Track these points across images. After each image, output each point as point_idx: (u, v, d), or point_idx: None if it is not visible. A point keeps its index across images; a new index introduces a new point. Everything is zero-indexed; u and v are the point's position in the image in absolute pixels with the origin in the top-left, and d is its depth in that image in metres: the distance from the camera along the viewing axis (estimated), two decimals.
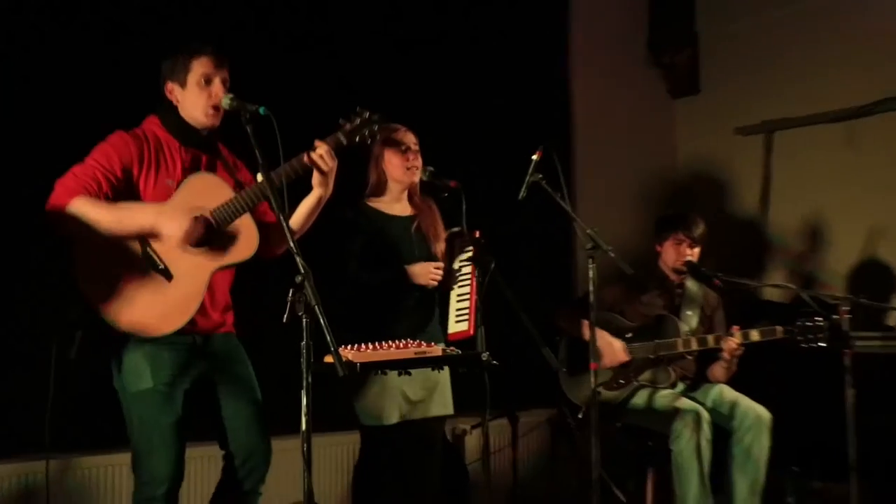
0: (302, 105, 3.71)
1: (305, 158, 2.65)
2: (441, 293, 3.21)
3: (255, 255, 2.69)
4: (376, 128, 2.71)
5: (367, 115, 2.70)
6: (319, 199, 2.79)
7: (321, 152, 2.67)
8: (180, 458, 2.64)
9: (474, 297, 3.04)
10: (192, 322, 2.61)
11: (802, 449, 4.00)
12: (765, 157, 5.00)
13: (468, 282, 3.09)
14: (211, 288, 2.67)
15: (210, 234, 2.60)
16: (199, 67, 2.68)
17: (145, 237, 2.57)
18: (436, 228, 3.27)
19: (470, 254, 3.12)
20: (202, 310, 2.65)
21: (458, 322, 3.06)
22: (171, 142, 2.70)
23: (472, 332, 2.99)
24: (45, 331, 2.58)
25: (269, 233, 2.76)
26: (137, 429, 2.61)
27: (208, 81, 2.68)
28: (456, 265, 3.16)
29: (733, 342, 3.62)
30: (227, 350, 2.77)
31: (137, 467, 2.63)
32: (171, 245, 2.57)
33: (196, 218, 2.57)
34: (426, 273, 3.10)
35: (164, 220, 2.55)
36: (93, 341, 2.55)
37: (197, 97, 2.68)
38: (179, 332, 2.60)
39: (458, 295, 3.11)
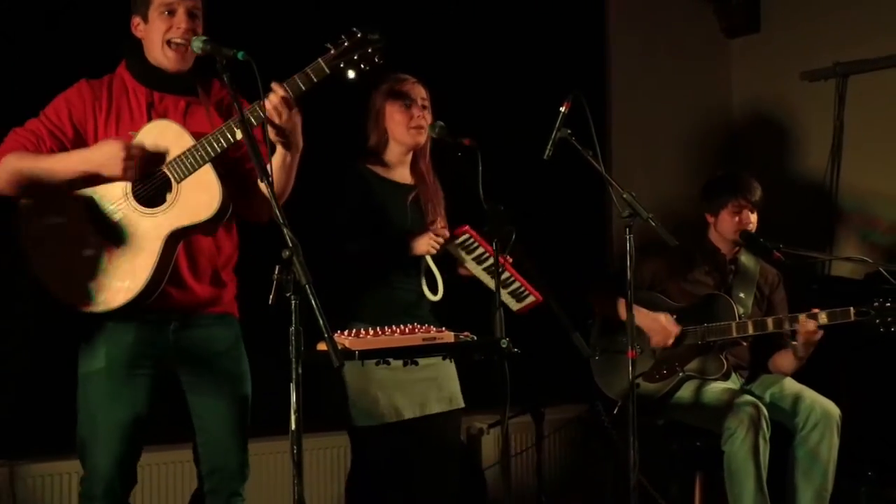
0: (289, 49, 3.69)
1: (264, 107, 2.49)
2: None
3: (219, 215, 2.61)
4: (370, 50, 2.48)
5: (359, 35, 2.49)
6: (283, 159, 2.62)
7: (274, 100, 2.48)
8: (130, 458, 2.65)
9: (516, 273, 3.09)
10: (164, 296, 2.61)
11: (878, 451, 4.01)
12: (836, 107, 4.97)
13: (502, 269, 3.06)
14: (191, 253, 2.66)
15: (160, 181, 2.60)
16: None
17: (93, 201, 2.59)
18: (434, 204, 3.26)
19: (466, 236, 3.10)
20: (178, 280, 2.64)
21: (521, 300, 3.15)
22: (136, 87, 2.69)
23: (540, 298, 3.08)
24: None
25: (254, 193, 2.68)
26: (83, 413, 2.64)
27: (171, 12, 2.62)
28: (468, 262, 3.16)
29: (812, 324, 3.60)
30: (216, 336, 2.74)
31: (81, 458, 2.66)
32: (122, 196, 2.58)
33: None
34: (426, 241, 3.10)
35: (98, 153, 2.53)
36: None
37: (157, 32, 2.64)
38: (150, 309, 2.61)
39: (503, 282, 3.12)
